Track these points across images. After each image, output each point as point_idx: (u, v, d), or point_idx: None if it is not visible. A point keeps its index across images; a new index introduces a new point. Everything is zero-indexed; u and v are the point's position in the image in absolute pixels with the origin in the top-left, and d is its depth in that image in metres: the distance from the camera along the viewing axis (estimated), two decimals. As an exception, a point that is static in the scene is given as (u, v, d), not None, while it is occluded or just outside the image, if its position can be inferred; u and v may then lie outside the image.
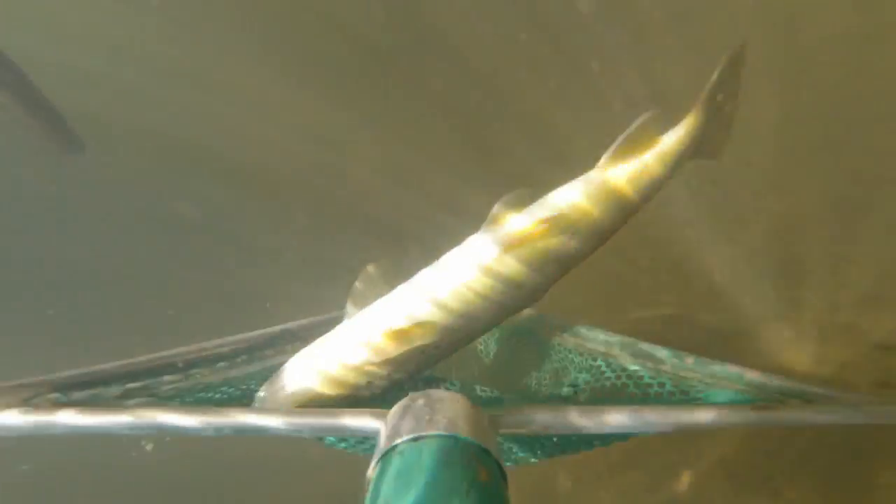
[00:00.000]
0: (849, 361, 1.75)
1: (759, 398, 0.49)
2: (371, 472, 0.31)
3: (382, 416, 0.34)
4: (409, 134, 2.71)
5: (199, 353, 0.62)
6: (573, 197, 0.66)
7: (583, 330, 0.76)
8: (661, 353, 0.63)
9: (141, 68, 2.93)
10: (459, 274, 0.63)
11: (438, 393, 0.34)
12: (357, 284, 0.80)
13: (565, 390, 0.68)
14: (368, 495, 0.29)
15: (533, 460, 0.51)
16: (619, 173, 0.67)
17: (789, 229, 2.02)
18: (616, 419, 0.39)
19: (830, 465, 1.67)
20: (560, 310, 0.89)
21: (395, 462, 0.29)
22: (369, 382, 0.63)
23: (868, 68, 1.89)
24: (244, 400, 0.64)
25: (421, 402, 0.33)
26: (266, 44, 2.84)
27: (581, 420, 0.38)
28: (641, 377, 0.61)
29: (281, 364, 0.68)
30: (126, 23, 2.90)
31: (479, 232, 0.68)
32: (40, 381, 0.44)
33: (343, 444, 0.51)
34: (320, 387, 0.60)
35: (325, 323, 0.87)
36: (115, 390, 0.47)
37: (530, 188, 0.73)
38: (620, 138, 0.68)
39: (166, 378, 0.55)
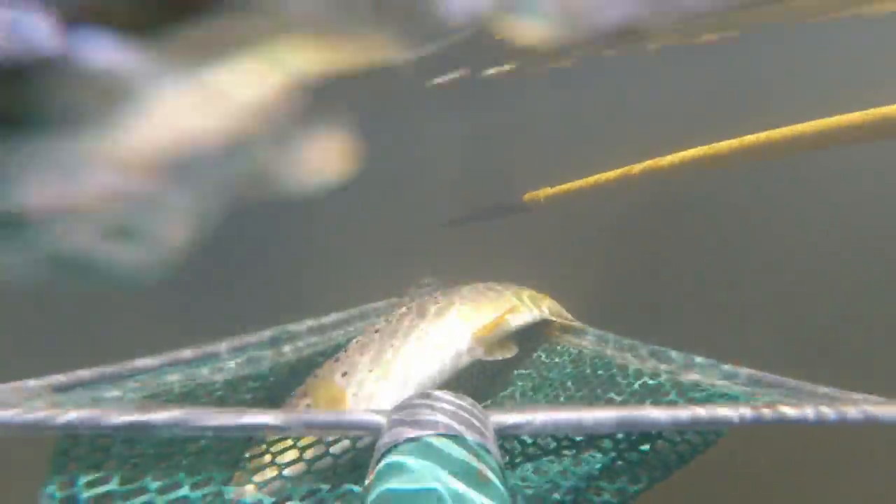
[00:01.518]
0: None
1: (754, 397, 0.49)
2: (372, 470, 0.31)
3: (385, 416, 0.34)
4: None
5: (200, 354, 0.61)
6: None
7: (580, 330, 0.76)
8: (659, 352, 0.63)
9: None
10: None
11: (440, 394, 0.34)
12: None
13: (563, 390, 0.68)
14: (370, 493, 0.29)
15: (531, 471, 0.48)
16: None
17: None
18: (613, 418, 0.39)
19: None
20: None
21: (397, 460, 0.29)
22: None
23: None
24: (245, 400, 0.63)
25: (423, 402, 0.33)
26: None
27: (579, 419, 0.38)
28: (639, 376, 0.61)
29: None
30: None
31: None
32: (41, 383, 0.45)
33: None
34: None
35: (318, 327, 0.87)
36: (115, 390, 0.47)
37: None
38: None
39: (168, 378, 0.54)
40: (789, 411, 0.42)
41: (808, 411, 0.42)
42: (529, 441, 0.46)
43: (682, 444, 0.46)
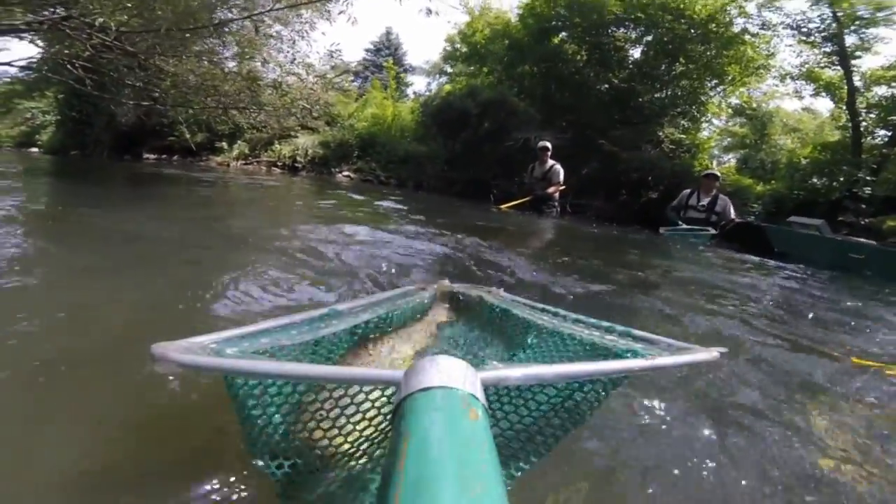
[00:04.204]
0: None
1: (647, 352, 0.63)
2: (393, 413, 0.41)
3: (402, 372, 0.45)
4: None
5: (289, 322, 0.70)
6: None
7: (539, 307, 0.93)
8: (589, 321, 0.78)
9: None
10: None
11: (442, 357, 0.44)
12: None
13: (527, 353, 0.82)
14: (392, 430, 0.38)
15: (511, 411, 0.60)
16: None
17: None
18: (558, 371, 0.52)
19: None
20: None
21: (411, 406, 0.38)
22: None
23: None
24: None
25: (430, 363, 0.42)
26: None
27: (540, 372, 0.51)
28: (578, 340, 0.75)
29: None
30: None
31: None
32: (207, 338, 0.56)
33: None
34: None
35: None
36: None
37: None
38: None
39: (263, 340, 0.63)
40: (663, 361, 0.56)
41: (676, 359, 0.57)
42: (505, 390, 0.58)
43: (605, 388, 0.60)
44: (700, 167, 8.55)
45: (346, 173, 10.80)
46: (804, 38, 9.69)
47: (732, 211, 5.55)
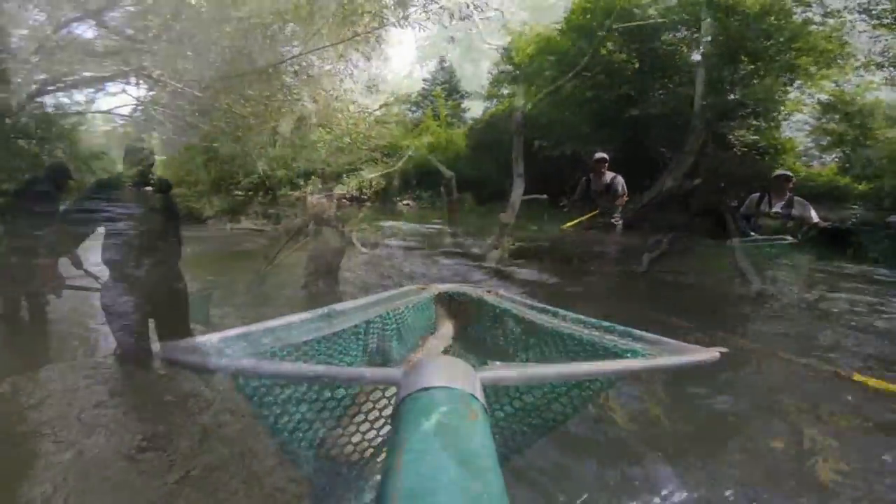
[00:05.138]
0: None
1: (647, 352, 0.62)
2: (393, 412, 0.41)
3: (402, 372, 0.44)
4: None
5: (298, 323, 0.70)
6: None
7: (538, 307, 0.92)
8: (589, 321, 0.77)
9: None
10: None
11: (441, 357, 0.49)
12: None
13: (527, 353, 0.85)
14: (392, 429, 0.39)
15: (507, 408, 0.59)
16: None
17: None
18: (559, 371, 0.52)
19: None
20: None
21: (411, 406, 0.38)
22: None
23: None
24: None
25: (430, 363, 0.43)
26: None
27: (540, 372, 0.51)
28: (578, 339, 0.74)
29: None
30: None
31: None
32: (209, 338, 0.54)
33: None
34: None
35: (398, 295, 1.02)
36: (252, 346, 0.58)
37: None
38: None
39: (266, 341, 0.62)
40: (660, 361, 0.56)
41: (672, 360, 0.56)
42: (504, 390, 0.58)
43: (604, 387, 0.59)
44: (785, 170, 7.73)
45: (406, 202, 11.26)
46: (877, 20, 8.50)
47: (814, 214, 4.89)
